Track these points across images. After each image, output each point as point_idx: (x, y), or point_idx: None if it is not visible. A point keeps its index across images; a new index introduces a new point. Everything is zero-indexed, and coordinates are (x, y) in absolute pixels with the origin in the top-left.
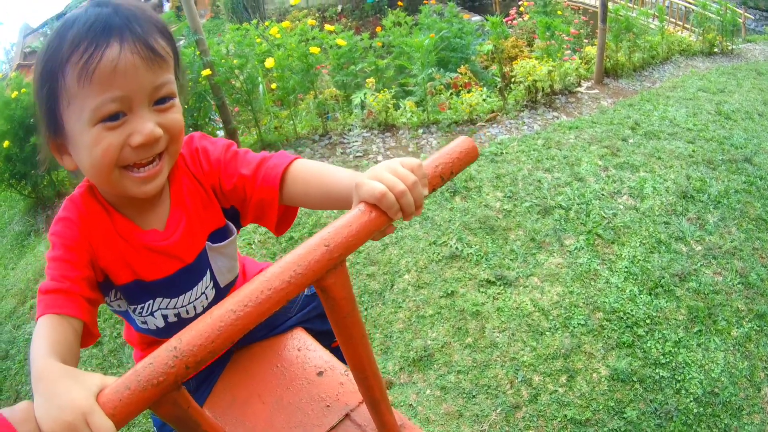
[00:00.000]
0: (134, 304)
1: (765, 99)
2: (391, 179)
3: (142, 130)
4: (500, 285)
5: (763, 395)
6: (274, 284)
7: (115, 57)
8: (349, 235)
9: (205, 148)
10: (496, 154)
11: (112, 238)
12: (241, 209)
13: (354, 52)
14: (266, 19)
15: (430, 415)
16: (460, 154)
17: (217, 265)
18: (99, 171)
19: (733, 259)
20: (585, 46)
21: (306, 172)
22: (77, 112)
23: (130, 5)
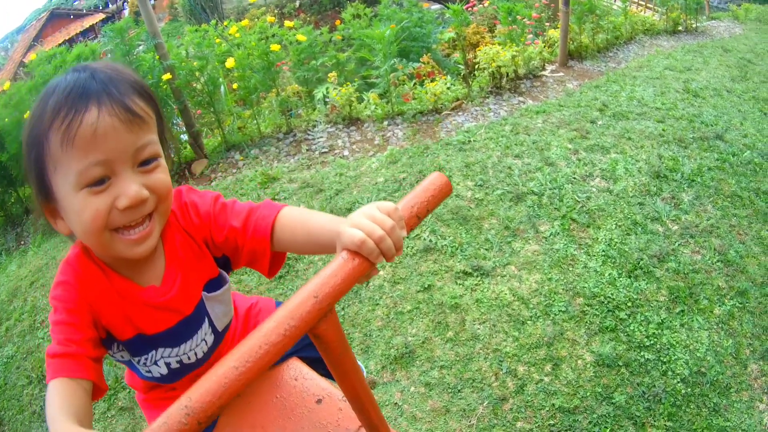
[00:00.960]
0: (138, 356)
1: (732, 76)
2: (369, 226)
3: (127, 193)
4: (477, 276)
5: (749, 372)
6: (270, 339)
7: (93, 121)
8: (335, 285)
9: (194, 202)
10: (464, 142)
11: (111, 298)
12: (233, 257)
13: (314, 47)
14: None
15: (417, 413)
16: (435, 191)
17: (214, 311)
18: (90, 235)
19: (710, 237)
20: (547, 29)
21: (292, 220)
22: (63, 177)
23: (107, 69)
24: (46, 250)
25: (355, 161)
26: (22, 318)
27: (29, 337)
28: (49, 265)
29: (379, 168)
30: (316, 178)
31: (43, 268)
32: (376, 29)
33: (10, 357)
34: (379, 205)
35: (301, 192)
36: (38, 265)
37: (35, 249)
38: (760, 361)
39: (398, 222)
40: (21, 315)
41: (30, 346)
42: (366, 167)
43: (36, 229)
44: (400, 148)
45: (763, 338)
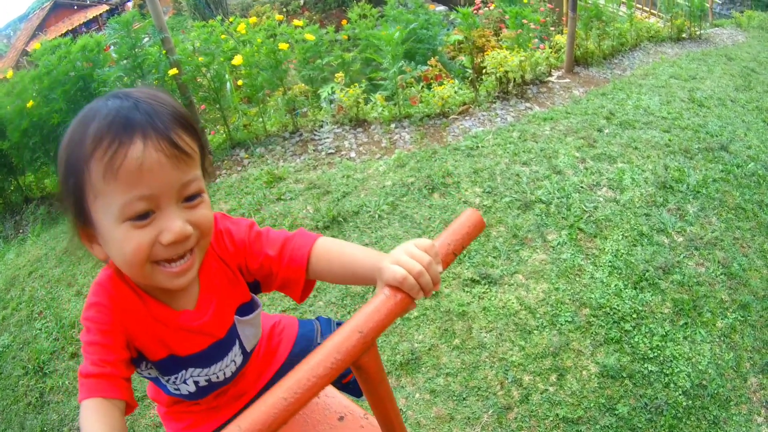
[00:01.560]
0: (167, 375)
1: (736, 85)
2: (409, 262)
3: (172, 229)
4: (485, 284)
5: (749, 385)
6: (317, 372)
7: (139, 155)
8: (379, 320)
9: (228, 230)
10: (471, 148)
11: (145, 320)
12: (265, 283)
13: (320, 46)
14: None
15: (421, 420)
16: (469, 228)
17: (245, 334)
18: (131, 267)
19: (714, 250)
20: (552, 34)
21: (329, 252)
22: (104, 208)
23: (150, 98)
24: (45, 240)
25: (362, 163)
26: (19, 308)
27: (26, 328)
28: (48, 255)
29: (386, 171)
30: (322, 180)
31: (42, 259)
32: (385, 30)
33: (6, 346)
34: (417, 242)
35: (307, 193)
36: (37, 255)
37: (34, 238)
38: (759, 375)
39: (435, 258)
40: (18, 305)
41: (27, 337)
42: (373, 170)
43: (35, 218)
44: (408, 152)
45: (763, 352)
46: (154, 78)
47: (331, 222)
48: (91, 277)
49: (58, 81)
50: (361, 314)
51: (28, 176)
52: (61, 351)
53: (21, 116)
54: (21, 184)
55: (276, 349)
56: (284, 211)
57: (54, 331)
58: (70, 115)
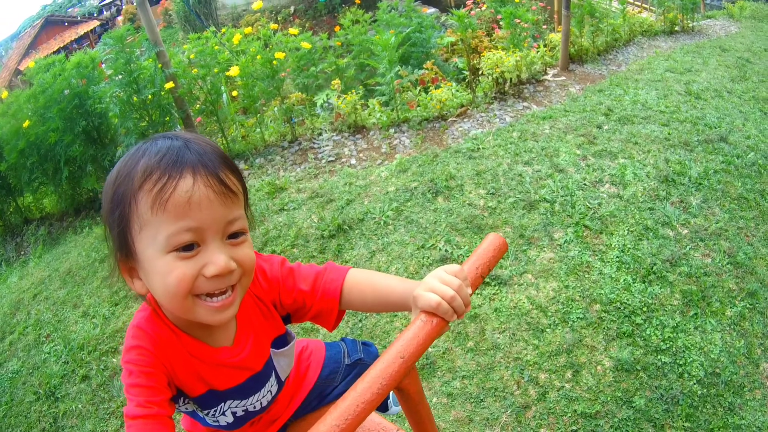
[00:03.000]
0: (206, 409)
1: (732, 76)
2: (441, 288)
3: (217, 262)
4: (495, 285)
5: (761, 371)
6: (366, 397)
7: (189, 188)
8: (418, 345)
9: (261, 268)
10: (473, 150)
11: (185, 359)
12: (297, 315)
13: (314, 54)
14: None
15: (440, 423)
16: (494, 251)
17: (280, 365)
18: (173, 298)
19: (719, 240)
20: (545, 32)
21: (360, 283)
22: (150, 239)
23: (200, 140)
24: (48, 262)
25: (363, 170)
26: (26, 332)
27: (34, 352)
28: (51, 277)
29: (388, 177)
30: (324, 188)
31: (45, 281)
32: (381, 35)
33: (16, 372)
34: (447, 268)
35: (310, 202)
36: (40, 277)
37: (36, 260)
38: None
39: (465, 281)
40: (25, 329)
41: (36, 361)
42: (375, 176)
43: (36, 240)
44: (409, 156)
45: None
46: (150, 93)
47: (336, 230)
48: (96, 297)
49: (54, 99)
50: (401, 340)
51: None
52: (72, 374)
53: (17, 136)
54: (20, 206)
55: (305, 373)
56: (288, 221)
57: (63, 354)
58: (67, 134)
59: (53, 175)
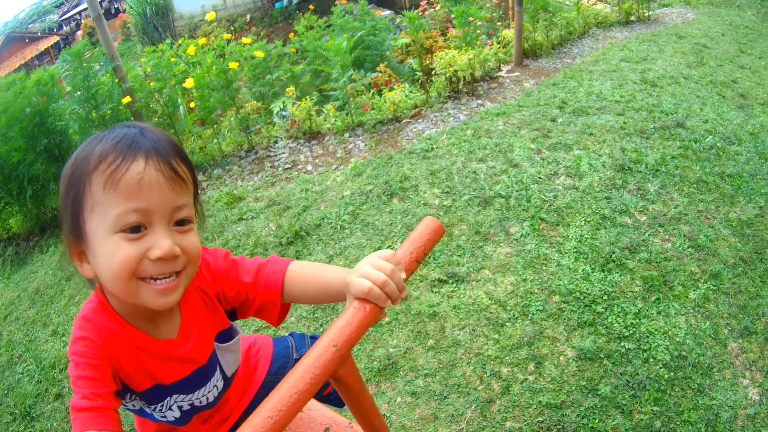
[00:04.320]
0: (153, 404)
1: (689, 62)
2: (373, 274)
3: (161, 245)
4: (452, 282)
5: (730, 350)
6: (298, 387)
7: (140, 171)
8: (351, 332)
9: (206, 260)
10: (427, 150)
11: (130, 352)
12: (241, 309)
13: (269, 62)
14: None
15: (405, 422)
16: (429, 235)
17: (225, 360)
18: (117, 279)
19: (679, 225)
20: (500, 29)
21: (302, 274)
22: (100, 218)
23: (155, 131)
24: (16, 282)
25: (320, 176)
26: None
27: (8, 373)
28: (21, 297)
29: (344, 181)
30: (282, 196)
31: (15, 301)
32: (332, 41)
33: None
34: (379, 253)
35: (268, 210)
36: (10, 298)
37: (5, 281)
38: (739, 339)
39: (398, 266)
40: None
41: (10, 382)
42: (331, 181)
43: (4, 260)
44: (364, 160)
45: (740, 317)
46: (108, 108)
47: (294, 237)
48: (65, 315)
49: (16, 118)
50: (333, 329)
51: None
52: (45, 393)
53: None
54: None
55: (254, 370)
56: (247, 230)
57: (36, 374)
58: (30, 153)
59: (18, 194)
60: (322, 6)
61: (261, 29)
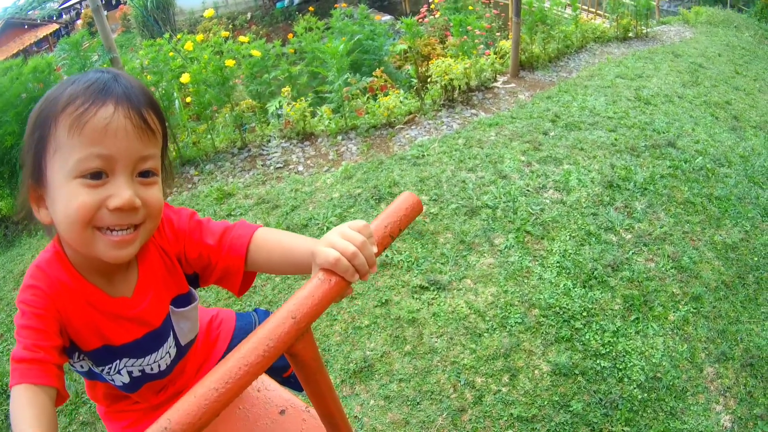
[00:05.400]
0: (101, 366)
1: (684, 81)
2: (342, 243)
3: (121, 195)
4: (434, 290)
5: (705, 375)
6: (249, 359)
7: (108, 116)
8: (312, 305)
9: (169, 218)
10: (417, 157)
11: (81, 307)
12: (203, 274)
13: (267, 61)
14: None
15: (377, 425)
16: (406, 210)
17: (180, 327)
18: (72, 226)
19: (664, 245)
20: (498, 39)
21: (268, 241)
22: (61, 162)
23: (130, 78)
24: (2, 264)
25: (310, 177)
26: None
27: None
28: (6, 278)
29: (334, 183)
30: (271, 194)
31: (0, 282)
32: (330, 43)
33: None
34: (351, 223)
35: (256, 208)
36: None
37: None
38: (715, 364)
39: (369, 238)
40: None
41: None
42: (321, 183)
43: None
44: (355, 163)
45: (718, 341)
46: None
47: None
48: None
49: (11, 103)
50: (294, 299)
51: None
52: None
53: None
54: None
55: (214, 343)
56: None
57: None
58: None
59: (9, 178)
60: (323, 8)
61: (261, 28)
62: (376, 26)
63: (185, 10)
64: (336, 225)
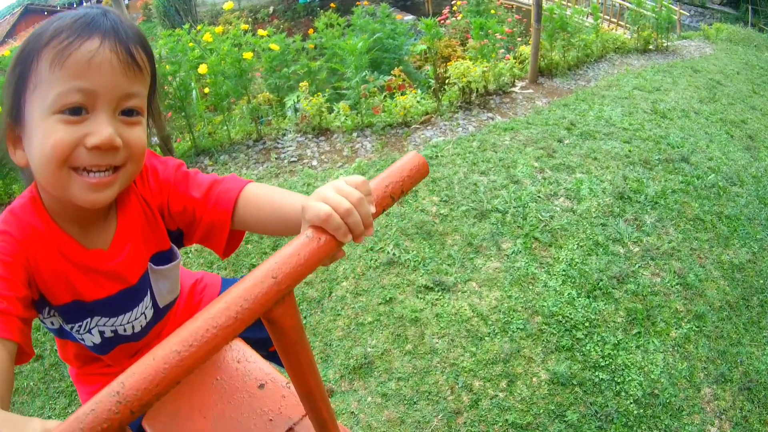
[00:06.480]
0: (71, 323)
1: (701, 97)
2: (335, 198)
3: (101, 132)
4: (438, 291)
5: (702, 395)
6: (219, 321)
7: (93, 49)
8: (297, 265)
9: (154, 167)
10: (431, 157)
11: (52, 257)
12: (188, 231)
13: (287, 55)
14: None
15: (372, 423)
16: (411, 171)
17: (158, 287)
18: (47, 165)
19: (671, 260)
20: (519, 44)
21: (258, 196)
22: (40, 98)
23: (120, 15)
24: None
25: (324, 172)
26: None
27: None
28: None
29: None
30: (284, 187)
31: None
32: (349, 40)
33: None
34: (348, 178)
35: None
36: None
37: None
38: (713, 385)
39: (367, 196)
40: None
41: None
42: (334, 178)
43: None
44: (368, 161)
45: (718, 362)
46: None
47: None
48: None
49: None
50: (276, 257)
51: None
52: None
53: None
54: None
55: (196, 308)
56: None
57: None
58: None
59: None
60: (345, 5)
61: (283, 22)
62: (397, 25)
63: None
64: None
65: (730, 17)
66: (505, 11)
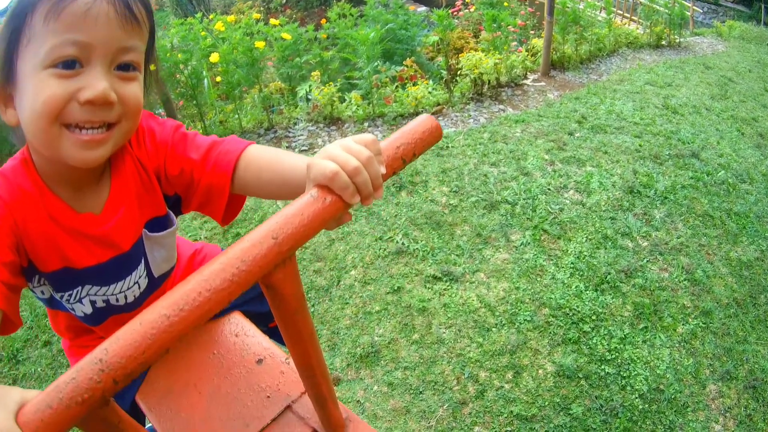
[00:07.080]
0: (61, 291)
1: (713, 93)
2: (343, 156)
3: (94, 86)
4: (446, 281)
5: (707, 392)
6: (214, 284)
7: (89, 1)
8: (300, 225)
9: (151, 128)
10: (442, 148)
11: (42, 221)
12: (186, 196)
13: (299, 44)
14: (211, 11)
15: (378, 411)
16: (423, 134)
17: (153, 255)
18: (38, 121)
19: (679, 255)
20: (531, 37)
21: (260, 158)
22: (33, 52)
23: None
24: None
25: None
26: None
27: None
28: None
29: None
30: None
31: None
32: (361, 30)
33: None
34: (357, 137)
35: None
36: None
37: None
38: (719, 382)
39: (377, 156)
40: None
41: None
42: None
43: None
44: None
45: (724, 359)
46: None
47: None
48: None
49: None
50: (278, 216)
51: None
52: (35, 339)
53: None
54: None
55: None
56: (255, 205)
57: (28, 320)
58: None
59: None
60: None
61: (296, 12)
62: (410, 16)
63: None
64: (355, 210)
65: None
66: (518, 4)
